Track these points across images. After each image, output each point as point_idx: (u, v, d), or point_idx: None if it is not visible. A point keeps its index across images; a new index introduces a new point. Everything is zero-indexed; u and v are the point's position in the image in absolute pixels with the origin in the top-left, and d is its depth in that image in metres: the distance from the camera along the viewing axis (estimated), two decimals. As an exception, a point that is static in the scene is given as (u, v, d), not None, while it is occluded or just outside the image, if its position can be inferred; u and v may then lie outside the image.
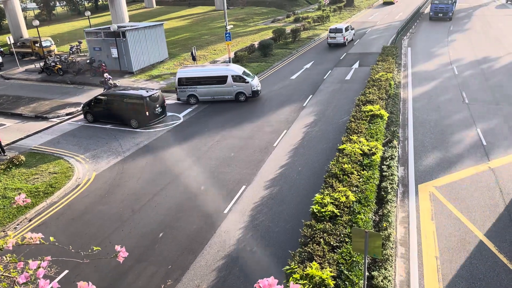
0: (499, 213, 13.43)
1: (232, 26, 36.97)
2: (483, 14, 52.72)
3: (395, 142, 17.42)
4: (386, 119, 18.75)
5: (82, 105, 25.21)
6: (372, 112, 18.22)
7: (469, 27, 45.63)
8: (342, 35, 39.87)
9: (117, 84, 28.74)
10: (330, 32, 40.47)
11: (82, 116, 24.84)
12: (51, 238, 3.89)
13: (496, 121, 20.56)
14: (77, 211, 15.21)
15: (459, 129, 19.95)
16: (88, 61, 34.57)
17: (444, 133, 19.63)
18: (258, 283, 3.26)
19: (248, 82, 25.94)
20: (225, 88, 26.01)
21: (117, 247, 3.84)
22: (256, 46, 39.29)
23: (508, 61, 31.20)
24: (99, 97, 23.74)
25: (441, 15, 49.10)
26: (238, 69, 26.51)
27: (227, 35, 32.59)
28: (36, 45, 41.58)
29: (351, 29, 42.78)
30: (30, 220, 14.86)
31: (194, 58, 33.45)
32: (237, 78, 25.87)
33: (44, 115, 25.43)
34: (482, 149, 17.79)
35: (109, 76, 28.23)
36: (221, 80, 25.85)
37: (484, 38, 39.40)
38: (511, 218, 13.13)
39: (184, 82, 25.83)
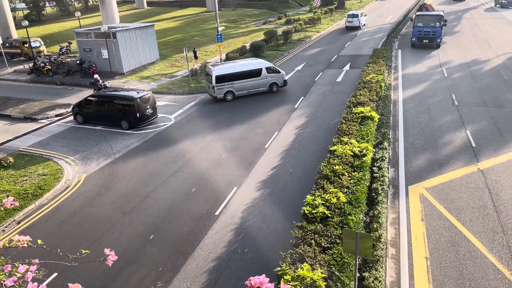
0: (488, 214, 13.57)
1: (223, 27, 36.98)
2: (472, 17, 53.35)
3: (385, 144, 17.52)
4: (377, 120, 18.86)
5: (72, 106, 25.00)
6: (363, 114, 18.31)
7: (459, 29, 46.14)
8: (358, 19, 49.34)
9: (107, 85, 28.56)
10: (348, 17, 50.17)
11: (72, 118, 24.63)
12: (39, 241, 3.84)
13: (485, 123, 20.79)
14: (66, 214, 15.06)
15: (448, 130, 20.13)
16: (78, 62, 34.31)
17: (434, 134, 19.79)
18: (250, 280, 3.26)
19: (281, 72, 27.74)
20: (260, 80, 27.26)
21: (106, 251, 3.80)
22: (248, 47, 39.32)
23: (496, 63, 31.59)
24: (89, 98, 23.56)
25: (427, 41, 38.21)
26: (265, 62, 28.27)
27: (219, 36, 32.58)
28: (25, 45, 41.15)
29: (365, 15, 52.79)
30: (18, 223, 14.67)
31: (196, 57, 35.57)
32: (270, 70, 27.43)
33: (33, 116, 25.16)
34: (471, 151, 17.97)
35: (98, 77, 28.08)
36: (256, 73, 27.00)
37: (473, 41, 39.85)
38: (499, 219, 13.27)
39: (222, 79, 26.27)
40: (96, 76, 28.12)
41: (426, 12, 44.79)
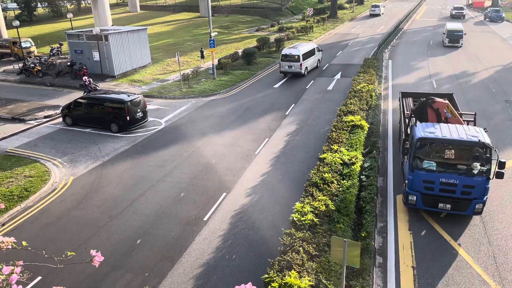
0: (474, 225, 13.70)
1: (216, 33, 37.05)
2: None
3: (375, 153, 17.64)
4: (367, 129, 19.00)
5: (61, 108, 24.77)
6: (353, 123, 18.44)
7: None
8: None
9: (97, 87, 28.38)
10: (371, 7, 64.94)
11: (61, 119, 24.39)
12: (24, 243, 3.78)
13: (473, 134, 21.00)
14: (52, 216, 14.85)
15: (437, 141, 20.29)
16: (68, 63, 34.06)
17: (422, 145, 19.93)
18: None
19: (322, 50, 37.46)
20: (315, 57, 35.56)
21: (92, 252, 3.76)
22: (240, 54, 39.42)
23: (485, 76, 32.08)
24: (79, 100, 23.38)
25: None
26: (313, 43, 39.22)
27: (211, 42, 32.62)
28: (16, 45, 40.75)
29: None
30: (3, 225, 14.43)
31: (202, 57, 38.46)
32: (318, 49, 36.35)
33: (21, 117, 24.86)
34: (458, 162, 18.12)
35: (89, 79, 27.91)
36: (312, 51, 34.96)
37: (462, 54, 40.48)
38: (485, 230, 13.41)
39: (303, 57, 32.93)
40: (85, 78, 27.96)
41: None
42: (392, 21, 62.10)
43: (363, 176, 15.23)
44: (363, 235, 12.21)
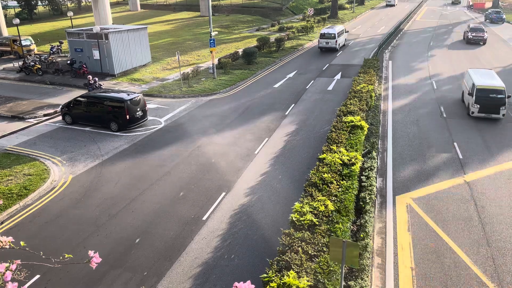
0: (473, 226, 13.71)
1: (216, 32, 37.03)
2: (462, 31, 54.21)
3: (374, 153, 17.64)
4: (366, 130, 19.00)
5: (60, 106, 24.74)
6: (353, 123, 18.44)
7: (449, 43, 46.81)
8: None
9: (101, 86, 28.41)
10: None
11: (60, 118, 24.36)
12: (22, 243, 3.77)
13: (472, 136, 21.06)
14: (51, 215, 14.84)
15: (436, 142, 20.35)
16: (68, 61, 34.02)
17: (421, 146, 19.98)
18: (235, 286, 3.25)
19: (348, 31, 49.36)
20: (344, 36, 45.64)
21: (90, 253, 3.74)
22: (240, 53, 39.39)
23: (484, 77, 32.02)
24: (78, 98, 23.35)
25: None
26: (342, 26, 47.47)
27: (212, 41, 32.59)
28: (16, 43, 40.71)
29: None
30: (2, 223, 14.41)
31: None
32: (346, 31, 46.79)
33: (21, 115, 24.83)
34: (458, 163, 18.17)
35: (95, 78, 27.97)
36: (343, 31, 45.35)
37: (462, 55, 40.47)
38: (485, 232, 13.41)
39: (338, 35, 42.72)
40: (89, 76, 28.05)
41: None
42: (392, 22, 62.08)
43: (363, 177, 15.23)
44: (362, 235, 12.21)
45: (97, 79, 28.52)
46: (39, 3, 76.35)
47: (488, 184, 16.32)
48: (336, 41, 42.12)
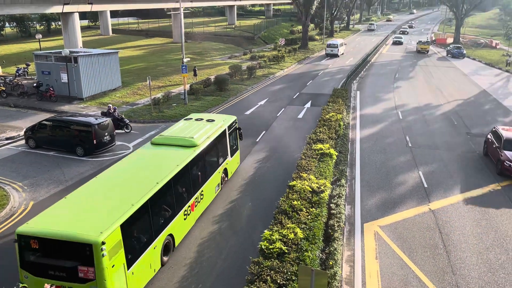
0: (438, 254, 13.95)
1: (189, 59, 37.26)
2: (426, 65, 56.72)
3: (343, 181, 17.87)
4: (335, 158, 19.30)
5: (24, 129, 23.95)
6: (322, 151, 18.70)
7: (413, 75, 48.81)
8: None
9: (124, 119, 26.29)
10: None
11: (23, 142, 23.54)
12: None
13: (436, 165, 21.73)
14: (9, 243, 14.08)
15: (402, 171, 20.86)
16: (35, 84, 33.21)
17: (388, 174, 20.42)
18: None
19: (346, 44, 63.98)
20: (343, 46, 62.44)
21: (47, 286, 3.56)
22: (212, 80, 39.67)
23: (447, 109, 33.47)
24: (43, 122, 22.71)
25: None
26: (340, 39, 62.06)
27: (184, 67, 32.71)
28: (-20, 64, 39.49)
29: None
30: (-47, 252, 13.55)
31: (195, 75, 41.82)
32: (344, 43, 63.20)
33: (-19, 138, 23.85)
34: (423, 191, 18.63)
35: (114, 107, 26.53)
36: (343, 43, 64.01)
37: (426, 87, 42.22)
38: (449, 259, 13.67)
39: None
40: (109, 105, 26.50)
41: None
42: (360, 54, 64.37)
43: (332, 204, 15.34)
44: (331, 263, 12.18)
45: (116, 108, 26.65)
46: (7, 24, 74.88)
47: (452, 212, 16.76)
48: (338, 49, 60.13)
